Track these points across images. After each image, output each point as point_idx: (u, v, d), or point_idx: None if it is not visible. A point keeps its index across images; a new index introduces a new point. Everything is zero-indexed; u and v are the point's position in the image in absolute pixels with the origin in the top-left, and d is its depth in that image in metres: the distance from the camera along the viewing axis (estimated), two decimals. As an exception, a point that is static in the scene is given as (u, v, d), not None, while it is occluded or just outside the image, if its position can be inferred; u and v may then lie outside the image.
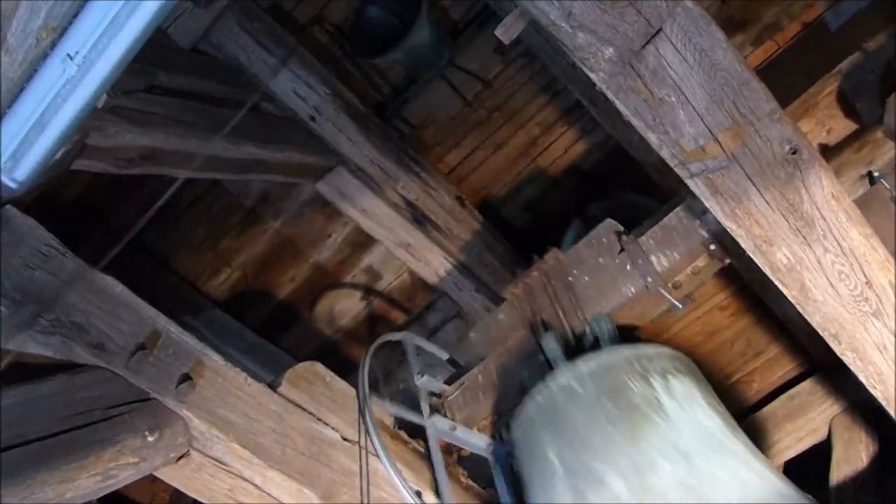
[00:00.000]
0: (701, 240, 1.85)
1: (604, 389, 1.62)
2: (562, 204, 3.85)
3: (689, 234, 1.87)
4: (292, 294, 4.08)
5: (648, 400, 1.59)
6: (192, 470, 1.89)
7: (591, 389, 1.62)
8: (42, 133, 1.46)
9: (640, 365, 1.65)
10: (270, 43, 3.26)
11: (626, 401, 1.59)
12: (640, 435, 1.53)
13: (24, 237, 1.73)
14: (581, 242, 1.96)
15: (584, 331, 1.87)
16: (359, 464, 2.03)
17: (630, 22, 1.37)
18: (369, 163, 3.45)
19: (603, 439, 1.56)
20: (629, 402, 1.59)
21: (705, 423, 1.60)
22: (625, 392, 1.60)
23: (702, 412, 1.62)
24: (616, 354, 1.68)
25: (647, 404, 1.58)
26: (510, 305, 2.02)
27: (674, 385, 1.64)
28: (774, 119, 1.43)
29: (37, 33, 1.33)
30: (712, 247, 1.85)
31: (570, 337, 1.86)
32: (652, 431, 1.54)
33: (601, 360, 1.67)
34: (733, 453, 1.56)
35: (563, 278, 1.95)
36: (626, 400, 1.59)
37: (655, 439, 1.53)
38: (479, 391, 2.04)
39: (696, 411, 1.61)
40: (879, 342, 1.57)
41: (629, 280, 1.91)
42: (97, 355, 1.76)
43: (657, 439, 1.53)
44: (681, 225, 1.88)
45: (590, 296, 1.93)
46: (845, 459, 3.04)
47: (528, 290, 1.98)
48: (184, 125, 2.55)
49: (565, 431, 1.62)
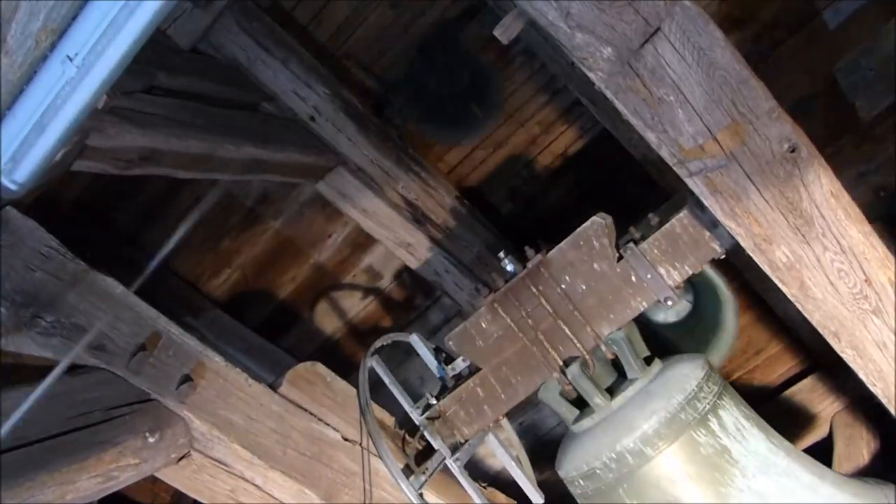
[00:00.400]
0: (714, 254, 1.74)
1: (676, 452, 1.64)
2: (562, 202, 3.86)
3: (700, 246, 1.73)
4: (293, 294, 4.08)
5: (715, 449, 1.64)
6: (193, 471, 1.90)
7: (662, 451, 1.64)
8: (42, 134, 1.47)
9: (695, 410, 1.67)
10: (270, 43, 3.26)
11: (698, 456, 1.64)
12: (724, 492, 1.61)
13: (25, 238, 1.74)
14: (566, 243, 1.79)
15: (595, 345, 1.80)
16: (360, 464, 2.04)
17: (628, 21, 1.37)
18: (369, 163, 3.45)
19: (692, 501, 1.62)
20: (701, 456, 1.64)
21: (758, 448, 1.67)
22: (695, 448, 1.64)
23: (752, 437, 1.68)
24: (670, 403, 1.67)
25: (715, 455, 1.64)
26: (492, 313, 1.86)
27: (725, 420, 1.68)
28: (773, 117, 1.43)
29: (36, 35, 1.33)
30: (723, 257, 1.75)
31: (589, 361, 1.80)
32: (732, 484, 1.61)
33: (660, 415, 1.66)
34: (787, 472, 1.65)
35: (553, 285, 1.80)
36: (698, 455, 1.64)
37: (736, 491, 1.61)
38: (483, 404, 1.94)
39: (749, 440, 1.67)
40: (879, 340, 1.57)
41: (638, 293, 1.77)
42: (98, 356, 1.76)
43: (737, 490, 1.61)
44: (687, 234, 1.73)
45: (592, 307, 1.79)
46: (847, 457, 3.04)
47: (514, 296, 1.82)
48: (183, 126, 2.55)
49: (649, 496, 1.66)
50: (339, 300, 4.09)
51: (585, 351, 1.79)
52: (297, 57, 3.31)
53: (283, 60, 3.27)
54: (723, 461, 1.63)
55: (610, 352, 1.79)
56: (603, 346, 1.79)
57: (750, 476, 1.61)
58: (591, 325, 1.78)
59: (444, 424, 1.95)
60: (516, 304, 1.84)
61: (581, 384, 1.78)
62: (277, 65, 3.26)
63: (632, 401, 1.75)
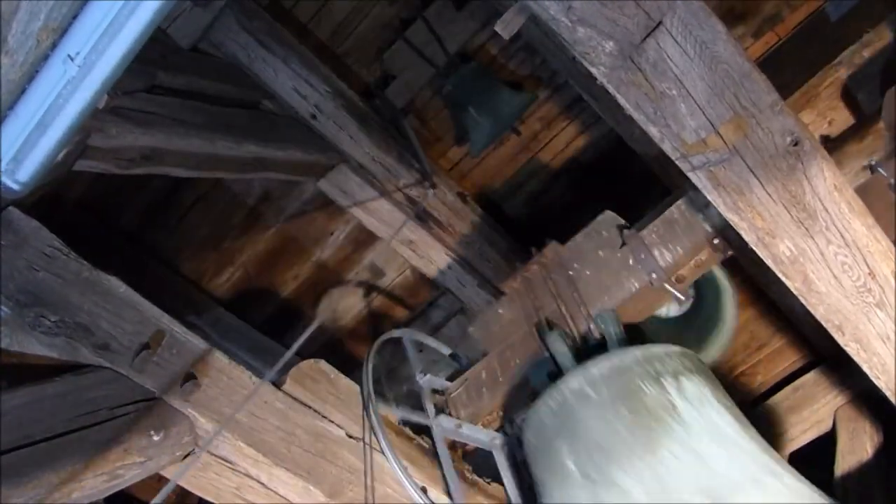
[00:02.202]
0: (705, 234, 1.83)
1: (617, 394, 1.60)
2: (564, 199, 3.86)
3: (692, 228, 1.84)
4: (295, 292, 4.09)
5: (663, 404, 1.58)
6: (198, 469, 1.90)
7: (605, 394, 1.61)
8: (44, 134, 1.46)
9: (651, 367, 1.63)
10: (270, 41, 3.26)
11: (640, 405, 1.58)
12: (657, 440, 1.53)
13: (28, 239, 1.74)
14: (580, 234, 1.93)
15: (588, 328, 1.86)
16: (364, 461, 2.04)
17: (630, 15, 1.36)
18: (370, 160, 3.45)
19: (620, 446, 1.55)
20: (644, 406, 1.58)
21: (719, 423, 1.59)
22: (639, 396, 1.59)
23: (714, 412, 1.61)
24: (627, 357, 1.65)
25: (661, 408, 1.57)
26: (510, 300, 1.98)
27: (686, 386, 1.63)
28: (776, 111, 1.43)
29: (37, 35, 1.33)
30: (716, 241, 1.83)
31: (575, 335, 1.84)
32: (668, 436, 1.54)
33: (613, 363, 1.64)
34: (749, 454, 1.56)
35: (563, 272, 1.92)
36: (641, 404, 1.58)
37: (672, 444, 1.52)
38: (483, 387, 2.01)
39: (710, 411, 1.60)
40: (883, 333, 1.57)
41: (632, 275, 1.88)
42: (102, 356, 1.76)
43: (674, 444, 1.52)
44: (683, 219, 1.85)
45: (592, 291, 1.90)
46: (850, 450, 3.04)
47: (528, 284, 1.95)
48: (185, 125, 2.55)
49: (581, 437, 1.61)
50: (341, 298, 4.09)
51: (574, 326, 1.84)
52: (297, 55, 3.31)
53: (284, 58, 3.27)
54: (666, 415, 1.56)
55: (598, 329, 1.83)
56: (591, 325, 1.83)
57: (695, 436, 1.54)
58: (587, 307, 1.86)
59: (445, 402, 2.02)
60: (529, 291, 1.93)
61: (556, 348, 1.79)
62: (278, 63, 3.26)
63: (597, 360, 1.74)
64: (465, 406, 2.05)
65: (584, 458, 1.58)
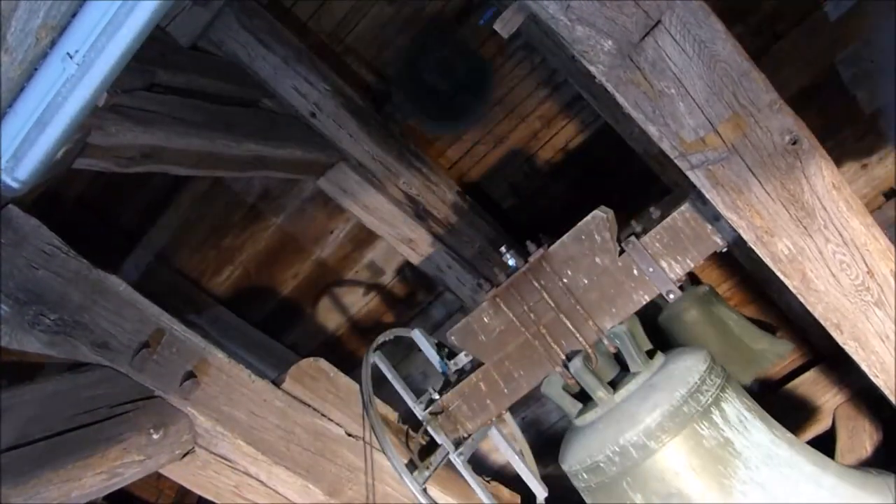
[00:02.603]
0: (716, 248, 1.74)
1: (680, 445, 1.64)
2: (563, 197, 3.86)
3: (701, 240, 1.73)
4: (295, 291, 4.09)
5: (719, 442, 1.64)
6: (198, 467, 1.90)
7: (666, 443, 1.64)
8: (43, 132, 1.47)
9: (697, 403, 1.67)
10: (270, 40, 3.26)
11: (701, 449, 1.64)
12: (727, 484, 1.61)
13: (28, 237, 1.74)
14: (567, 237, 1.79)
15: (598, 339, 1.80)
16: (363, 459, 2.04)
17: (628, 14, 1.36)
18: (370, 158, 3.46)
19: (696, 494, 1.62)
20: (705, 451, 1.64)
21: (761, 440, 1.67)
22: (699, 441, 1.64)
23: (754, 429, 1.68)
24: (674, 397, 1.67)
25: (719, 447, 1.63)
26: (495, 308, 1.86)
27: (727, 412, 1.68)
28: (775, 109, 1.43)
29: (36, 32, 1.33)
30: (724, 250, 1.75)
31: (591, 355, 1.80)
32: (735, 477, 1.61)
33: (664, 410, 1.66)
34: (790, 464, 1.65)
35: (555, 279, 1.81)
36: (701, 448, 1.64)
37: (739, 483, 1.61)
38: (486, 399, 1.95)
39: (752, 432, 1.67)
40: (881, 331, 1.57)
41: (640, 287, 1.77)
42: (101, 354, 1.77)
43: (741, 483, 1.61)
44: (689, 228, 1.73)
45: (594, 301, 1.79)
46: (850, 449, 3.04)
47: (517, 290, 1.83)
48: (184, 123, 2.56)
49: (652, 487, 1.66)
50: (341, 296, 4.09)
51: (588, 345, 1.79)
52: (297, 53, 3.31)
53: (284, 57, 3.27)
54: (726, 453, 1.63)
55: (612, 345, 1.79)
56: (605, 340, 1.79)
57: (753, 468, 1.62)
58: (594, 319, 1.78)
59: (447, 419, 1.95)
60: (518, 298, 1.84)
61: (583, 378, 1.77)
62: (278, 61, 3.26)
63: (635, 394, 1.75)
64: (469, 419, 1.97)
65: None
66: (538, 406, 3.98)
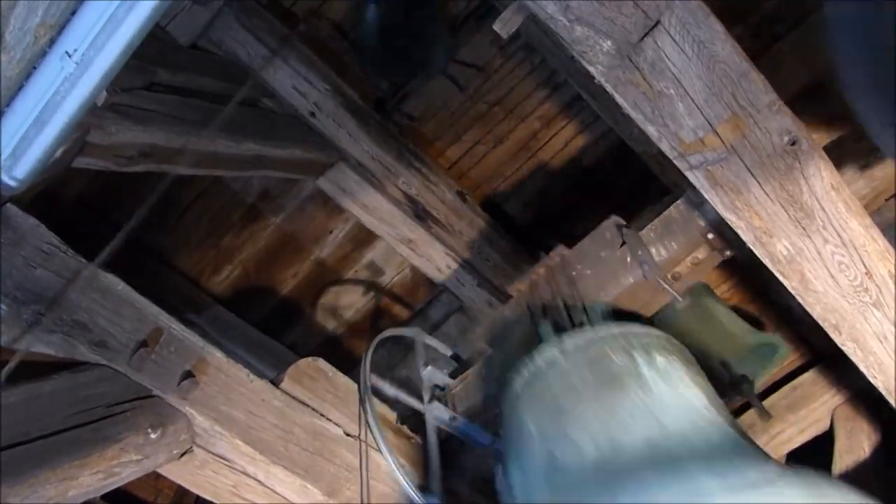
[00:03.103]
0: (699, 230, 1.86)
1: (585, 361, 1.62)
2: (563, 197, 3.86)
3: (689, 225, 1.88)
4: (294, 290, 4.09)
5: (628, 370, 1.59)
6: (196, 466, 1.90)
7: (574, 361, 1.63)
8: (41, 131, 1.46)
9: (625, 340, 1.65)
10: (270, 39, 3.26)
11: (605, 370, 1.59)
12: (615, 400, 1.54)
13: (26, 236, 1.74)
14: (587, 238, 2.01)
15: (582, 320, 1.87)
16: (360, 459, 2.04)
17: (627, 14, 1.36)
18: (370, 158, 3.45)
19: (579, 406, 1.56)
20: (609, 371, 1.59)
21: (686, 395, 1.57)
22: (605, 363, 1.61)
23: (684, 387, 1.59)
24: (602, 330, 1.68)
25: (626, 374, 1.58)
26: (517, 303, 2.05)
27: (658, 360, 1.63)
28: (773, 110, 1.43)
29: (35, 31, 1.33)
30: (710, 236, 1.86)
31: (567, 325, 1.86)
32: (627, 397, 1.54)
33: (587, 335, 1.68)
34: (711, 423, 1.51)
35: (567, 274, 1.97)
36: (606, 370, 1.59)
37: (630, 404, 1.52)
38: (483, 385, 2.04)
39: (678, 385, 1.59)
40: (880, 332, 1.57)
41: (628, 271, 1.93)
42: (99, 353, 1.76)
43: (632, 404, 1.52)
44: (680, 217, 1.89)
45: (590, 288, 1.95)
46: (848, 450, 3.04)
47: (533, 286, 2.01)
48: (184, 122, 2.55)
49: (545, 402, 1.63)
50: (340, 296, 4.09)
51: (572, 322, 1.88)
52: (296, 53, 3.30)
53: (283, 56, 3.27)
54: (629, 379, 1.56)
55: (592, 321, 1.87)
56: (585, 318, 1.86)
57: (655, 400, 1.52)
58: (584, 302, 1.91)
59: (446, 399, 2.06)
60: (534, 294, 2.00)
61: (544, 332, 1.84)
62: (277, 61, 3.26)
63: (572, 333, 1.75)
64: (462, 402, 2.07)
65: (544, 420, 1.59)
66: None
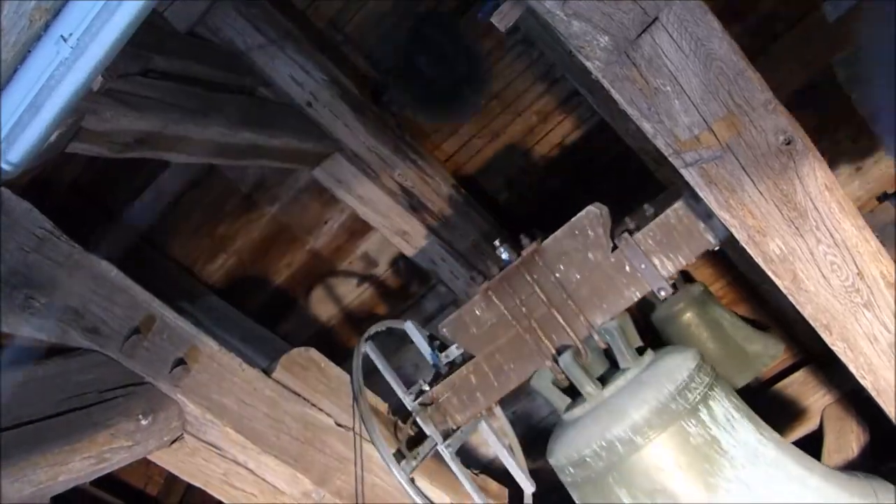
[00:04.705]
0: (708, 246, 1.74)
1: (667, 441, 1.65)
2: (559, 192, 3.86)
3: (693, 237, 1.74)
4: (289, 280, 4.09)
5: (706, 439, 1.65)
6: (186, 454, 1.90)
7: (653, 440, 1.65)
8: (36, 115, 1.46)
9: (685, 401, 1.67)
10: (268, 27, 3.25)
11: (688, 446, 1.65)
12: (712, 482, 1.62)
13: (19, 220, 1.74)
14: (561, 232, 1.80)
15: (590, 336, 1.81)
16: (352, 450, 2.04)
17: (626, 10, 1.36)
18: (366, 150, 3.45)
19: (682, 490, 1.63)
20: (691, 447, 1.65)
21: (748, 439, 1.68)
22: (685, 438, 1.65)
23: (742, 428, 1.69)
24: (662, 394, 1.68)
25: (706, 445, 1.64)
26: (487, 301, 1.87)
27: (716, 411, 1.69)
28: (769, 109, 1.43)
29: (30, 15, 1.32)
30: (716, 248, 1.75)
31: (582, 350, 1.80)
32: (721, 475, 1.62)
33: (651, 406, 1.67)
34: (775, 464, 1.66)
35: (548, 274, 1.82)
36: (688, 445, 1.65)
37: (725, 481, 1.61)
38: (476, 391, 1.96)
39: (739, 431, 1.68)
40: (870, 333, 1.58)
41: (632, 283, 1.78)
42: (92, 339, 1.76)
43: (726, 481, 1.61)
44: (682, 225, 1.74)
45: (585, 297, 1.80)
46: (836, 449, 3.06)
47: (509, 284, 1.86)
48: (180, 109, 2.55)
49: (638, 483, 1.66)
50: (334, 287, 4.09)
51: (578, 339, 1.79)
52: (294, 42, 3.29)
53: (281, 45, 3.26)
54: (712, 451, 1.63)
55: (602, 341, 1.80)
56: (595, 336, 1.79)
57: (739, 467, 1.62)
58: (585, 315, 1.79)
59: (437, 411, 1.96)
60: (510, 291, 1.85)
61: (573, 372, 1.78)
62: (275, 50, 3.25)
63: (623, 390, 1.75)
64: (459, 411, 1.98)
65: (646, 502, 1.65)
66: (529, 400, 3.99)
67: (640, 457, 1.66)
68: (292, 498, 1.97)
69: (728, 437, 1.66)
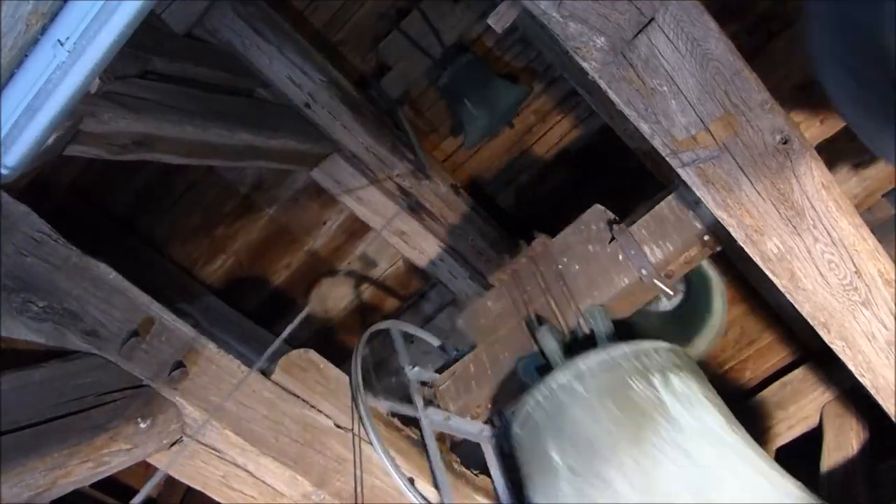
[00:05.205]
0: (695, 232, 1.83)
1: (605, 389, 1.62)
2: (557, 192, 3.86)
3: (683, 225, 1.84)
4: (287, 281, 4.09)
5: (650, 400, 1.60)
6: (186, 457, 1.90)
7: (593, 389, 1.63)
8: (33, 119, 1.46)
9: (639, 362, 1.65)
10: (266, 29, 3.25)
11: (628, 401, 1.60)
12: (643, 435, 1.55)
13: (17, 223, 1.73)
14: (569, 228, 1.94)
15: (577, 322, 1.86)
16: (352, 451, 2.04)
17: (622, 11, 1.36)
18: (364, 150, 3.45)
19: (607, 441, 1.58)
20: (632, 402, 1.60)
21: (706, 419, 1.61)
22: (627, 392, 1.61)
23: (702, 409, 1.63)
24: (615, 352, 1.67)
25: (649, 404, 1.59)
26: (498, 293, 1.99)
27: (674, 382, 1.65)
28: (766, 109, 1.44)
29: (27, 19, 1.32)
30: (706, 237, 1.83)
31: (564, 330, 1.85)
32: (655, 432, 1.55)
33: (601, 358, 1.66)
34: (735, 451, 1.58)
35: (552, 266, 1.92)
36: (629, 400, 1.60)
37: (659, 440, 1.54)
38: (472, 380, 2.02)
39: (697, 408, 1.62)
40: (868, 331, 1.58)
41: (622, 271, 1.88)
42: (90, 342, 1.76)
43: (660, 440, 1.54)
44: (673, 215, 1.85)
45: (581, 286, 1.90)
46: (836, 446, 3.06)
47: (517, 276, 1.96)
48: (178, 111, 2.54)
49: (568, 432, 1.63)
50: (333, 288, 4.09)
51: (566, 324, 1.84)
52: (292, 43, 3.29)
53: (279, 46, 3.26)
54: (655, 412, 1.58)
55: (587, 326, 1.83)
56: (581, 321, 1.84)
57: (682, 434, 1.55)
58: (575, 301, 1.86)
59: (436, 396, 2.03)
60: (518, 284, 1.94)
61: (546, 343, 1.81)
62: (273, 51, 3.25)
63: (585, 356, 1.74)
64: (454, 399, 2.06)
65: (570, 452, 1.59)
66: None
67: (576, 403, 1.63)
68: (292, 500, 1.97)
69: (680, 409, 1.60)
